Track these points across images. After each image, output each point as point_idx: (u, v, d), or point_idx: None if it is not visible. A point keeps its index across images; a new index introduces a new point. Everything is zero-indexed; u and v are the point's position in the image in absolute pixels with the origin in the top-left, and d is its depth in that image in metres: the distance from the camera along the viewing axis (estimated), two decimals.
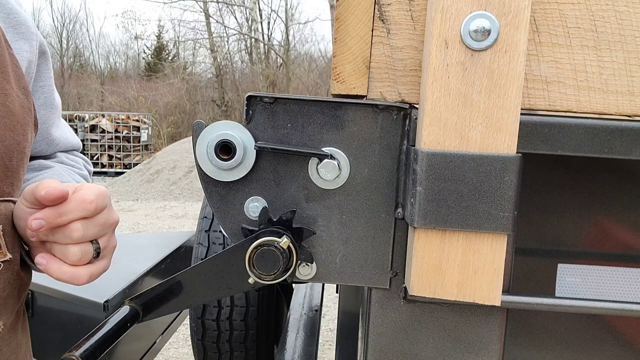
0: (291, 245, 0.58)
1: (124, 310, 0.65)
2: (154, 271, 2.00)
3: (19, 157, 0.73)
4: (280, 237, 0.58)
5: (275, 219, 0.62)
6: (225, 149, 0.60)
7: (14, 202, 0.73)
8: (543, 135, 0.56)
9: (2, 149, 0.70)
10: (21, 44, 0.79)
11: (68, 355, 0.56)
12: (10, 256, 0.71)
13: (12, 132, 0.71)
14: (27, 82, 0.77)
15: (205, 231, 1.93)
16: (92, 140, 14.05)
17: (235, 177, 0.62)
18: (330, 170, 0.60)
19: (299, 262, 0.63)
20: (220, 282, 0.63)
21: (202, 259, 1.26)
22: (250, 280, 0.60)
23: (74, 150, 1.01)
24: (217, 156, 0.60)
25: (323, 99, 0.60)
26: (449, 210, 0.54)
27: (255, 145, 0.60)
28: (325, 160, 0.60)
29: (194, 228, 2.14)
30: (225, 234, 1.77)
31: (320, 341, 1.50)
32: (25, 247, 0.75)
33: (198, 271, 0.64)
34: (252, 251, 0.58)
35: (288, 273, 0.59)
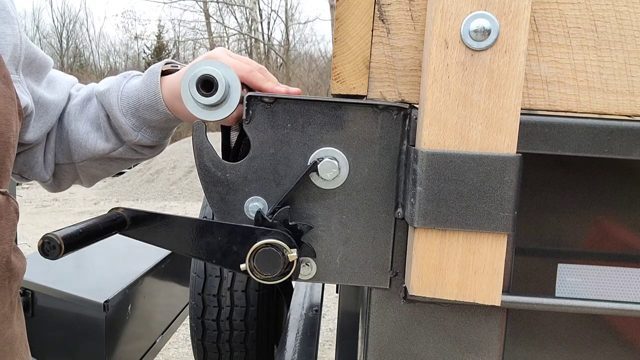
0: (296, 261, 0.59)
1: (115, 214, 0.63)
2: (154, 271, 2.00)
3: (3, 147, 0.72)
4: (291, 248, 0.58)
5: (271, 217, 0.62)
6: (207, 85, 0.60)
7: (2, 194, 0.72)
8: (543, 135, 0.57)
9: None
10: (4, 28, 0.78)
11: (50, 234, 0.54)
12: None
13: None
14: (8, 71, 0.75)
15: None
16: None
17: (220, 117, 0.61)
18: (329, 170, 0.60)
19: (295, 272, 0.63)
20: (215, 247, 0.63)
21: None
22: (242, 267, 0.59)
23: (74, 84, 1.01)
24: (199, 91, 0.59)
25: (323, 99, 0.60)
26: (449, 210, 0.54)
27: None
28: (325, 160, 0.60)
29: None
30: None
31: (320, 341, 1.50)
32: None
33: (201, 225, 0.63)
34: (259, 245, 0.58)
35: (280, 280, 0.59)
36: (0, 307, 0.74)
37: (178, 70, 0.93)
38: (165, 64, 0.93)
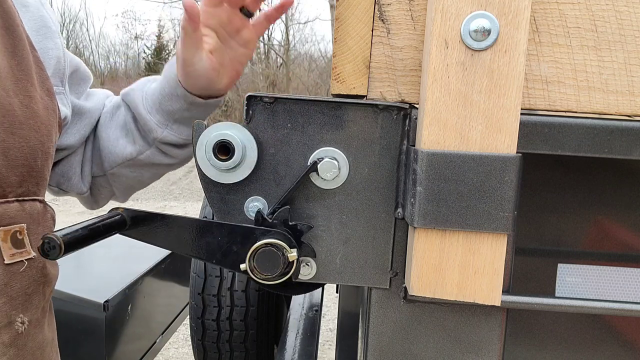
0: (296, 261, 0.58)
1: (115, 214, 0.63)
2: (154, 271, 2.00)
3: (43, 157, 0.75)
4: (291, 248, 0.58)
5: (271, 217, 0.62)
6: (223, 149, 0.60)
7: (40, 202, 0.75)
8: (543, 135, 0.57)
9: (27, 149, 0.72)
10: (46, 43, 0.82)
11: (50, 234, 0.54)
12: (35, 254, 0.74)
13: (37, 133, 0.74)
14: (52, 85, 0.80)
15: None
16: None
17: (238, 178, 0.61)
18: (329, 170, 0.60)
19: (295, 273, 0.63)
20: (215, 247, 0.63)
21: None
22: (242, 267, 0.59)
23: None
24: (216, 157, 0.60)
25: (323, 99, 0.60)
26: (449, 210, 0.54)
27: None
28: (325, 160, 0.60)
29: None
30: None
31: (320, 341, 1.51)
32: None
33: (201, 225, 0.63)
34: (259, 245, 0.58)
35: (280, 280, 0.59)
36: (34, 311, 0.76)
37: None
38: None
